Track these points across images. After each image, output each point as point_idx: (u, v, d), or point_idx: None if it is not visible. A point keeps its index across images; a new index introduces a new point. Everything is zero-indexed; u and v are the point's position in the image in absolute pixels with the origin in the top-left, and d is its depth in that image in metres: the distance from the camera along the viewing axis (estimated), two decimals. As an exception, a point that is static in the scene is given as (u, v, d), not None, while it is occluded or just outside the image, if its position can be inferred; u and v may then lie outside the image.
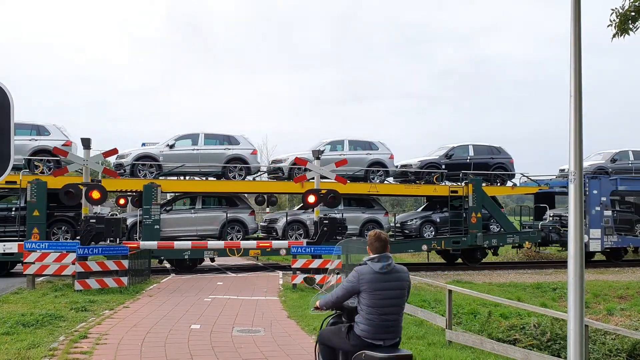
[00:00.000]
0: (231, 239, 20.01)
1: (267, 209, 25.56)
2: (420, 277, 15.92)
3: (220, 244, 18.77)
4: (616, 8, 6.96)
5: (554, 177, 27.98)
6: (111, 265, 14.44)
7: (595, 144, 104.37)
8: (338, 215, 19.98)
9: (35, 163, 18.77)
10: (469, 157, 24.12)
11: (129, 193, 22.13)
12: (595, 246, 24.71)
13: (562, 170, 27.69)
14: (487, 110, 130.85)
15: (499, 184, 24.79)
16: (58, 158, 18.22)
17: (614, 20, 7.03)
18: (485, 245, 23.32)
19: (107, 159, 23.10)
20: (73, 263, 14.22)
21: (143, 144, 21.85)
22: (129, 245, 15.62)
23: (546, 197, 28.30)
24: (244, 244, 19.02)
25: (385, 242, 5.10)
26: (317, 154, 18.38)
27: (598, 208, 24.74)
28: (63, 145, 18.77)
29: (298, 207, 24.16)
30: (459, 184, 23.59)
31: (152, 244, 17.70)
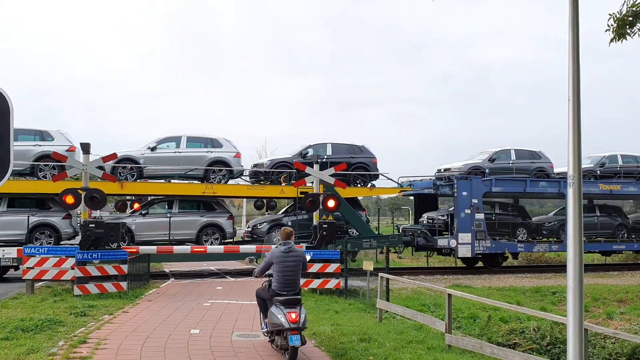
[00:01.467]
0: (211, 244, 19.78)
1: (267, 213, 25.44)
2: (419, 281, 15.91)
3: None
4: (614, 13, 6.99)
5: (431, 177, 26.18)
6: (110, 270, 14.42)
7: (598, 147, 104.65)
8: (165, 219, 19.59)
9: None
10: (325, 157, 22.15)
11: (127, 197, 22.12)
12: (464, 252, 22.84)
13: (440, 171, 25.82)
14: (487, 115, 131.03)
15: (359, 185, 22.72)
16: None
17: (612, 25, 7.06)
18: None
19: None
20: (72, 268, 14.21)
21: None
22: (128, 250, 15.61)
23: (428, 199, 26.71)
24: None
25: (289, 234, 8.61)
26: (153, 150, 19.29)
27: (468, 211, 22.92)
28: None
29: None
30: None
31: (152, 249, 17.70)
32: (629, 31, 7.02)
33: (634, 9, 6.85)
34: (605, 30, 7.05)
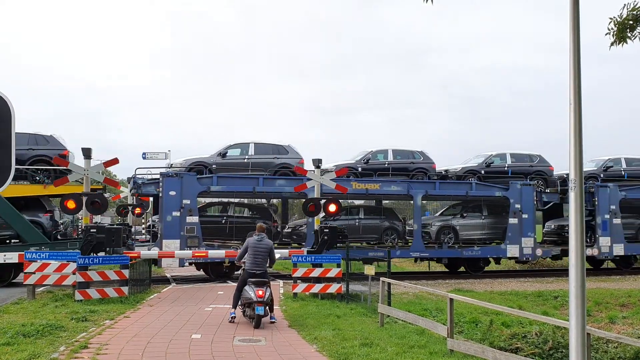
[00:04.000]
0: None
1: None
2: (421, 285, 15.89)
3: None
4: (614, 17, 7.01)
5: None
6: (112, 275, 14.40)
7: (602, 150, 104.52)
8: None
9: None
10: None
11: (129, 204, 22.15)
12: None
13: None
14: (487, 119, 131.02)
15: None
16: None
17: (612, 29, 7.07)
18: None
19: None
20: (73, 273, 14.19)
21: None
22: (129, 255, 15.60)
23: None
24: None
25: (261, 229, 11.89)
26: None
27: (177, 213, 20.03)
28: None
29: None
30: None
31: (153, 254, 17.68)
32: (629, 35, 7.04)
33: (634, 12, 6.87)
34: (606, 34, 7.07)
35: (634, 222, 26.04)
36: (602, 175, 25.55)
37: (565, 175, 25.66)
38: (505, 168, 24.53)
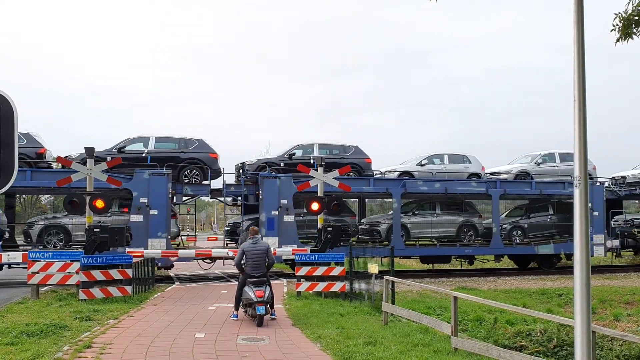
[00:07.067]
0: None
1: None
2: (424, 284, 15.84)
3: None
4: (619, 12, 6.96)
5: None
6: (115, 274, 14.42)
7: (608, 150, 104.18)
8: None
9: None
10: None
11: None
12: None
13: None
14: (499, 119, 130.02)
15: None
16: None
17: (617, 25, 7.03)
18: None
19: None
20: (77, 272, 14.22)
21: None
22: (133, 254, 15.61)
23: None
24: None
25: (256, 232, 12.10)
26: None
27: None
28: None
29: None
30: None
31: (156, 253, 17.69)
32: (634, 30, 7.00)
33: (639, 8, 6.82)
34: (611, 30, 7.03)
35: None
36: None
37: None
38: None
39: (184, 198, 22.11)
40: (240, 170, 22.26)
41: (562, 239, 24.48)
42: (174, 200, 20.80)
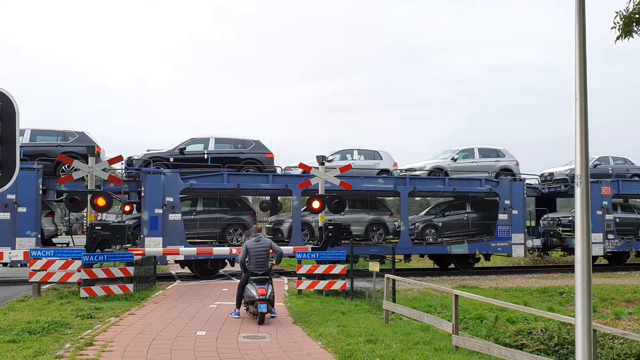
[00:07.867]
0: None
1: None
2: (425, 282, 15.85)
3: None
4: (620, 11, 6.95)
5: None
6: (117, 272, 14.44)
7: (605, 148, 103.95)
8: None
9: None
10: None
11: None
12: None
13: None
14: (499, 117, 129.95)
15: None
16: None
17: (618, 23, 7.02)
18: None
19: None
20: (79, 270, 14.24)
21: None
22: (134, 252, 15.63)
23: None
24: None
25: (259, 229, 12.36)
26: None
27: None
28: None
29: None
30: None
31: (158, 251, 17.70)
32: (635, 29, 6.99)
33: (640, 6, 6.81)
34: (612, 28, 7.02)
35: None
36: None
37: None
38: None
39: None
40: (125, 165, 20.76)
41: (478, 238, 23.34)
42: (48, 197, 19.63)
